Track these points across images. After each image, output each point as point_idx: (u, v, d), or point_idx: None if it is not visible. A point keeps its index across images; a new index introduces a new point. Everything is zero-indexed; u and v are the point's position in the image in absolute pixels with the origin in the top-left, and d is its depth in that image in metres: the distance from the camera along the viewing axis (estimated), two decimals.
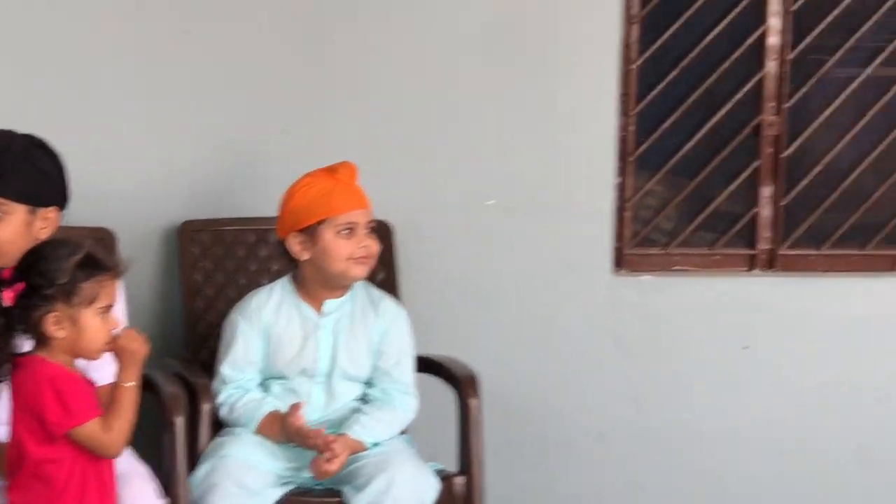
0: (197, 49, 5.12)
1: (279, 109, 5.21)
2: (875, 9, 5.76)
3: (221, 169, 5.17)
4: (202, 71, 5.13)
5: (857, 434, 5.77)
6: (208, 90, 5.14)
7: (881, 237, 5.88)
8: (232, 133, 5.17)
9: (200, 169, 5.12)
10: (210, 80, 5.15)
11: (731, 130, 5.69)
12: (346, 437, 4.48)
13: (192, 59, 5.12)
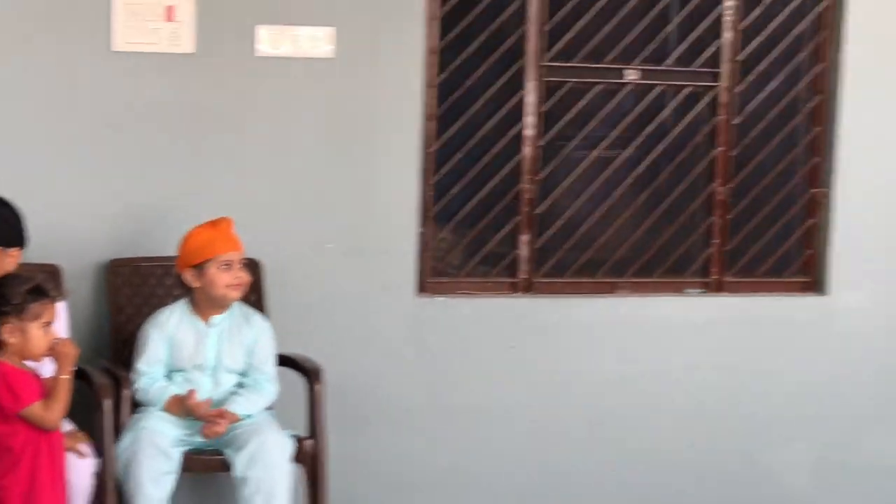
0: (126, 138, 5.30)
1: (180, 178, 5.36)
2: (601, 107, 5.94)
3: (138, 221, 5.31)
4: (128, 152, 5.31)
5: (590, 413, 5.89)
6: (131, 165, 5.31)
7: (605, 269, 6.01)
8: (145, 195, 5.33)
9: (123, 221, 5.28)
10: (131, 156, 5.32)
11: (500, 194, 5.83)
12: (226, 411, 4.86)
13: (122, 146, 5.30)
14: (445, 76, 5.73)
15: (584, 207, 6.00)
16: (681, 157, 6.08)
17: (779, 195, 6.18)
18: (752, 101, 6.09)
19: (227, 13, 5.34)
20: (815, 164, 6.17)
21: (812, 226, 6.21)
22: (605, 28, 5.90)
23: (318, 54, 5.47)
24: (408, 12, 5.56)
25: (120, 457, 4.69)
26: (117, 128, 5.28)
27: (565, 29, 5.84)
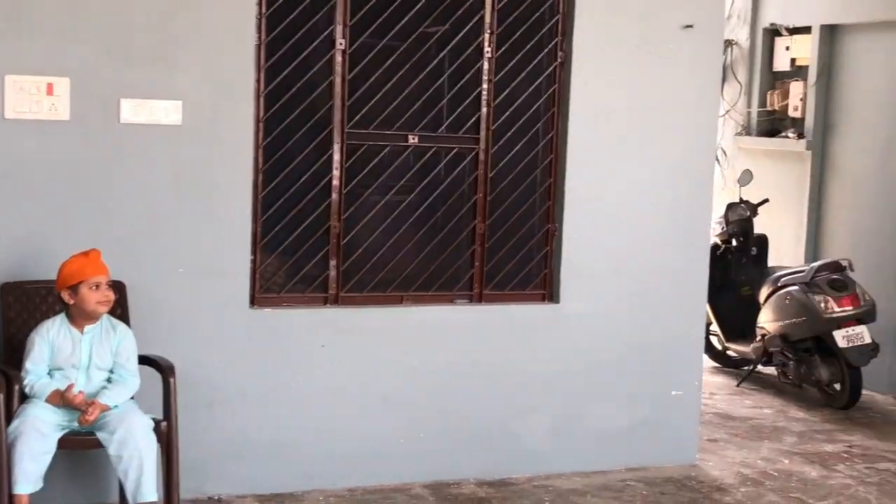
0: (15, 185, 5.23)
1: (59, 218, 5.30)
2: (391, 163, 5.97)
3: (25, 252, 5.26)
4: (17, 197, 5.24)
5: (383, 393, 5.92)
6: (20, 207, 5.24)
7: (394, 285, 6.00)
8: (31, 231, 5.27)
9: (12, 252, 5.24)
10: (20, 201, 5.25)
11: (314, 229, 5.82)
12: (98, 402, 4.87)
13: (11, 192, 5.23)
14: (270, 139, 5.73)
15: (378, 239, 6.01)
16: (451, 200, 6.14)
17: (523, 229, 6.25)
18: (503, 159, 6.15)
19: (96, 89, 5.28)
20: (548, 206, 6.26)
21: (547, 252, 6.30)
22: (393, 103, 5.93)
23: (170, 122, 5.42)
24: (241, 89, 5.54)
25: (8, 437, 4.67)
26: (8, 177, 5.22)
27: (363, 104, 5.87)
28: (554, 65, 6.14)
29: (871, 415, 7.95)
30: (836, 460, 6.82)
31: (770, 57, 9.56)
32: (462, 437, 6.08)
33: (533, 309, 6.22)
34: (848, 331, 7.77)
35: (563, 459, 6.25)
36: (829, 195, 9.23)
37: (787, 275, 8.34)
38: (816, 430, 7.47)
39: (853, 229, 8.99)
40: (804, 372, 8.14)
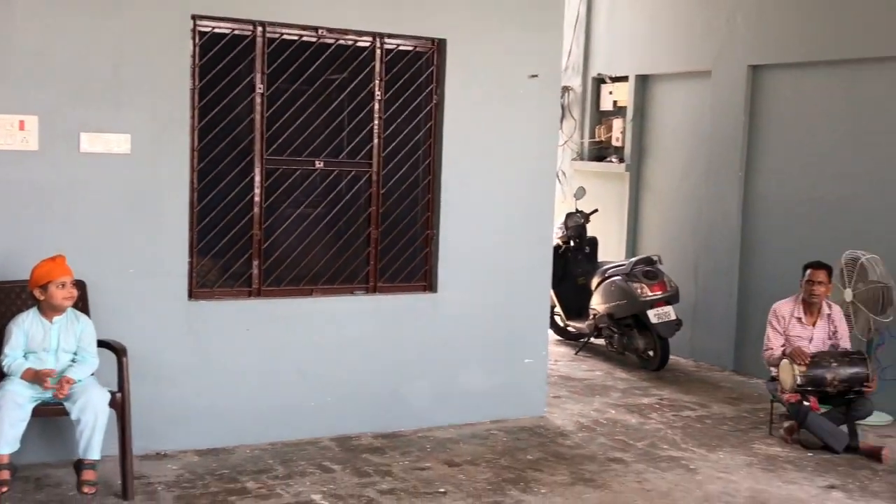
0: None
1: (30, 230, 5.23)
2: (301, 183, 5.87)
3: (2, 259, 5.20)
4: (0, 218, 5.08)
5: (298, 366, 5.80)
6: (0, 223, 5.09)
7: (305, 280, 5.94)
8: (7, 242, 5.22)
9: None
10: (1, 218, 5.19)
11: (240, 237, 5.73)
12: (67, 377, 4.85)
13: None
14: (203, 164, 5.67)
15: (292, 243, 5.94)
16: (350, 212, 6.12)
17: (408, 234, 6.26)
18: (391, 179, 6.18)
19: (60, 124, 5.24)
20: (427, 216, 6.29)
21: (427, 252, 6.32)
22: (303, 135, 5.91)
23: (121, 151, 5.39)
24: (180, 124, 5.50)
25: None
26: None
27: (279, 136, 5.84)
28: (430, 105, 6.20)
29: (676, 374, 8.14)
30: (650, 410, 6.98)
31: (597, 99, 9.66)
32: (361, 400, 6.08)
33: (416, 297, 6.24)
34: (658, 310, 7.90)
35: (441, 415, 6.28)
36: (643, 206, 9.37)
37: (612, 268, 8.44)
38: (635, 387, 7.61)
39: (661, 232, 9.13)
40: (626, 342, 8.26)
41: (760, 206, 8.07)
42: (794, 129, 7.75)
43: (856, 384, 6.08)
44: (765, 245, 8.04)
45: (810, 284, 6.23)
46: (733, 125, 8.14)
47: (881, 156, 7.09)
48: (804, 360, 6.02)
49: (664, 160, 9.06)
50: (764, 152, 8.03)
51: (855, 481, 5.56)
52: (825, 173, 7.49)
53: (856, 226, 7.20)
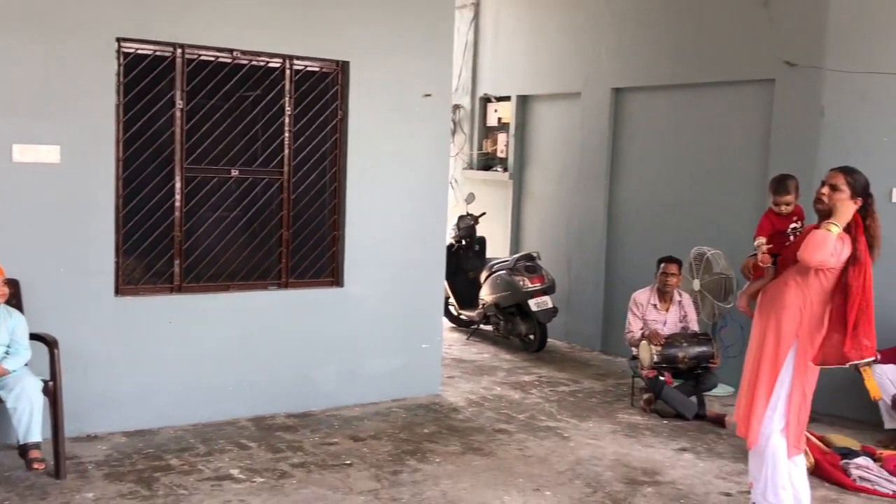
0: None
1: None
2: (218, 189, 5.78)
3: None
4: None
5: (218, 354, 5.74)
6: None
7: (223, 277, 5.79)
8: None
9: None
10: None
11: (162, 238, 5.65)
12: (1, 366, 4.72)
13: None
14: (127, 173, 5.56)
15: (211, 244, 5.85)
16: (263, 215, 6.04)
17: (316, 235, 6.21)
18: (301, 186, 6.11)
19: None
20: (334, 218, 6.24)
21: (334, 251, 6.26)
22: (219, 146, 5.83)
23: (51, 161, 5.27)
24: (106, 136, 5.39)
25: None
26: None
27: (197, 146, 5.75)
28: (335, 120, 6.16)
29: (553, 355, 8.20)
30: (531, 387, 7.03)
31: (484, 116, 9.69)
32: (275, 384, 6.01)
33: (325, 292, 6.18)
34: (538, 300, 7.92)
35: (347, 396, 6.26)
36: (524, 209, 9.40)
37: (498, 263, 8.45)
38: (518, 367, 7.66)
39: (539, 232, 9.17)
40: (510, 328, 8.28)
41: (623, 208, 8.21)
42: (649, 143, 7.92)
43: (703, 361, 6.26)
44: (626, 242, 8.15)
45: (664, 276, 6.38)
46: (599, 139, 8.25)
47: (720, 165, 7.31)
48: (660, 341, 6.17)
49: (542, 169, 9.10)
50: (625, 162, 8.16)
51: (703, 444, 5.73)
52: (675, 180, 7.67)
53: (702, 225, 7.36)
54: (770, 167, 6.58)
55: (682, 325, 6.44)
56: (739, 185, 7.07)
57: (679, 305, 6.44)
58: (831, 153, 6.17)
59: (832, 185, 3.93)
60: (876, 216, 4.00)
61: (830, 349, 3.87)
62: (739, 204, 6.95)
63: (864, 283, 3.82)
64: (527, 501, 4.57)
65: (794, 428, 4.08)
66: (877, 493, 4.88)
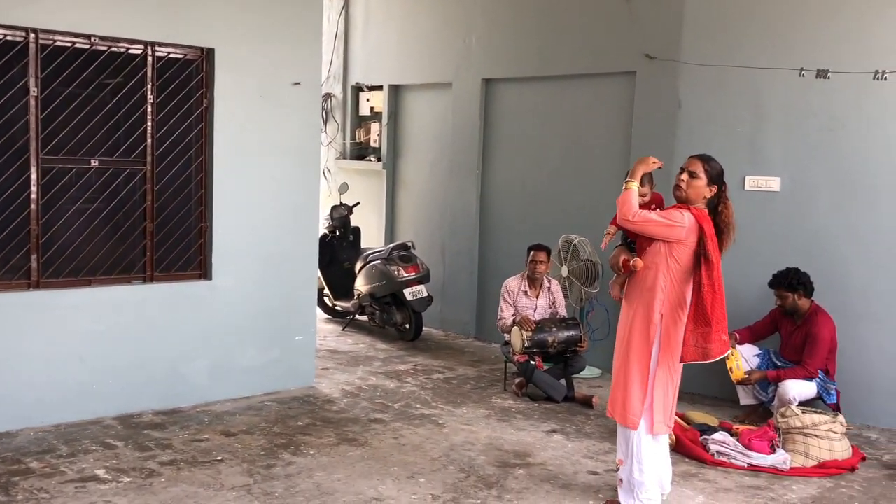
0: None
1: None
2: (80, 179, 5.61)
3: None
4: None
5: (83, 348, 5.60)
6: None
7: (84, 271, 5.68)
8: None
9: None
10: None
11: (18, 232, 5.44)
12: None
13: None
14: None
15: (71, 237, 5.71)
16: (126, 207, 5.91)
17: (183, 227, 6.11)
18: (166, 176, 5.99)
19: None
20: (201, 210, 6.14)
21: (202, 243, 6.17)
22: (78, 136, 5.66)
23: None
24: None
25: None
26: None
27: (55, 135, 5.58)
28: (201, 108, 6.05)
29: (429, 343, 8.24)
30: (406, 375, 7.04)
31: (357, 105, 9.59)
32: (142, 380, 5.91)
33: (193, 285, 6.09)
34: (413, 289, 7.93)
35: (218, 391, 6.18)
36: (399, 199, 9.36)
37: (373, 253, 8.41)
38: (394, 356, 7.64)
39: (414, 221, 9.16)
40: (386, 318, 8.25)
41: (494, 197, 8.29)
42: (519, 133, 8.01)
43: (572, 344, 6.40)
44: (498, 230, 8.23)
45: (533, 263, 6.52)
46: (471, 130, 8.32)
47: (586, 155, 7.47)
48: (530, 326, 6.27)
49: (415, 159, 9.08)
50: (497, 152, 8.25)
51: (572, 425, 5.87)
52: (544, 169, 7.79)
53: (570, 213, 7.52)
54: (632, 156, 6.75)
55: (552, 310, 6.59)
56: (604, 174, 7.23)
57: (548, 291, 6.59)
58: (688, 143, 6.39)
59: (690, 172, 4.07)
60: (729, 203, 4.15)
61: (688, 347, 4.04)
62: (604, 192, 7.04)
63: (714, 282, 3.98)
64: (401, 489, 4.60)
65: (663, 407, 4.20)
66: (733, 466, 5.11)
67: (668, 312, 4.08)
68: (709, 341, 3.97)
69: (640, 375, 4.16)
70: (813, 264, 6.06)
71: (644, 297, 4.12)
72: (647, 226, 4.00)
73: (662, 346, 4.11)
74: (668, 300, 4.07)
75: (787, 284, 5.84)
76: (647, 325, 4.12)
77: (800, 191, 6.27)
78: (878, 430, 6.06)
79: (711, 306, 3.96)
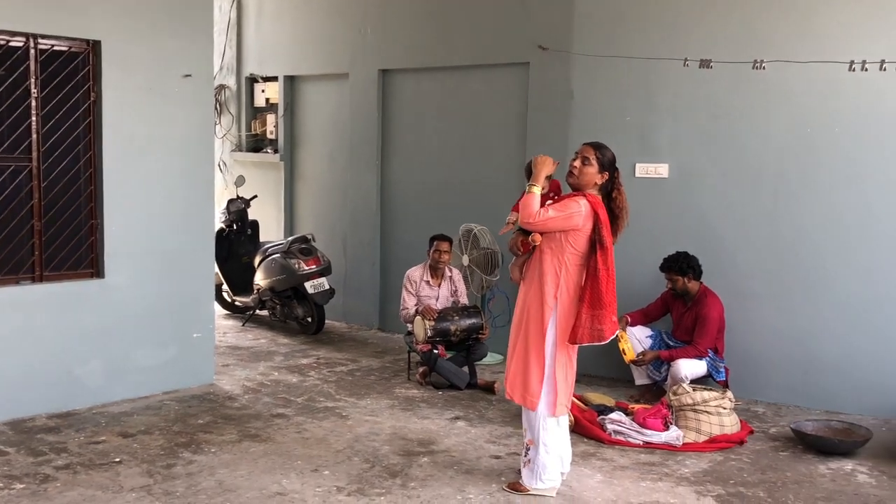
0: None
1: None
2: None
3: None
4: None
5: None
6: None
7: None
8: None
9: None
10: None
11: None
12: None
13: None
14: None
15: None
16: (11, 205, 5.72)
17: (72, 224, 5.99)
18: (53, 172, 5.85)
19: None
20: (91, 206, 6.03)
21: (93, 241, 6.07)
22: None
23: None
24: None
25: None
26: None
27: None
28: (88, 102, 5.91)
29: (332, 336, 8.13)
30: (309, 369, 6.94)
31: (252, 96, 9.44)
32: (34, 383, 5.77)
33: (84, 284, 5.97)
34: (314, 282, 7.81)
35: (115, 391, 6.08)
36: (297, 191, 9.19)
37: (272, 247, 8.26)
38: (296, 350, 7.52)
39: (313, 213, 9.03)
40: (287, 312, 8.14)
41: (395, 188, 8.26)
42: (418, 124, 7.98)
43: (473, 332, 6.43)
44: (400, 221, 8.21)
45: (436, 253, 6.52)
46: (369, 120, 8.24)
47: (484, 145, 7.49)
48: (432, 315, 6.29)
49: (314, 150, 8.95)
50: (396, 143, 8.20)
51: (475, 412, 5.92)
52: (444, 160, 7.80)
53: (469, 202, 7.55)
54: (528, 146, 6.92)
55: (454, 299, 6.63)
56: (502, 163, 7.29)
57: (450, 281, 6.63)
58: (581, 132, 6.47)
59: (584, 158, 4.17)
60: (622, 189, 4.27)
61: (583, 330, 4.10)
62: (502, 181, 7.15)
63: (609, 266, 4.09)
64: (305, 483, 4.59)
65: (563, 389, 4.26)
66: (629, 445, 5.23)
67: (564, 296, 4.15)
68: (602, 323, 4.05)
69: (536, 357, 4.21)
70: (700, 247, 6.20)
71: (541, 280, 4.19)
72: (548, 223, 4.09)
73: (560, 329, 4.17)
74: (564, 284, 4.15)
75: (677, 268, 5.96)
76: (542, 307, 4.18)
77: (687, 177, 6.41)
78: (764, 404, 6.23)
79: (606, 289, 4.04)
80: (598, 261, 4.07)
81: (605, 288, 4.05)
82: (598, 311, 4.07)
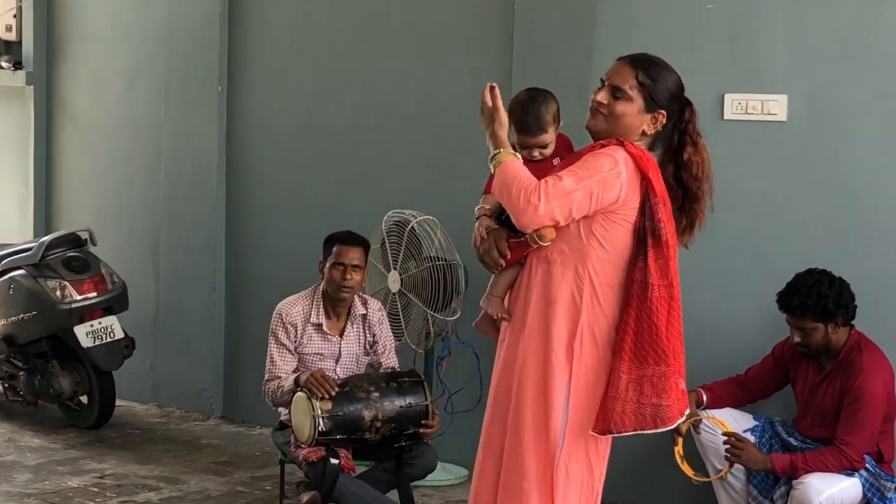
0: None
1: None
2: None
3: None
4: None
5: None
6: None
7: None
8: None
9: None
10: None
11: None
12: None
13: None
14: None
15: None
16: None
17: None
18: None
19: None
20: None
21: None
22: None
23: None
24: None
25: None
26: None
27: None
28: None
29: (128, 432, 6.64)
30: (83, 497, 5.63)
31: None
32: None
33: None
34: (93, 324, 6.40)
35: None
36: (61, 144, 7.45)
37: (9, 255, 6.75)
38: (58, 459, 6.18)
39: (92, 188, 7.35)
40: (39, 384, 6.59)
41: (255, 142, 6.90)
42: (301, 24, 6.74)
43: (409, 423, 5.38)
44: (264, 205, 6.83)
45: (336, 270, 5.36)
46: (205, 13, 6.85)
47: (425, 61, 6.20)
48: (329, 390, 5.23)
49: (92, 68, 7.25)
50: (256, 57, 6.91)
51: None
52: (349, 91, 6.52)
53: (398, 168, 6.28)
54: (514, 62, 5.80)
55: (370, 358, 5.52)
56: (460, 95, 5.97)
57: (363, 323, 5.52)
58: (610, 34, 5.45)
59: (613, 89, 3.35)
60: (700, 142, 3.36)
61: (633, 408, 3.24)
62: (458, 128, 5.87)
63: (672, 283, 3.18)
64: None
65: None
66: None
67: (588, 343, 3.29)
68: (664, 392, 3.18)
69: (537, 469, 3.27)
70: (849, 254, 5.23)
71: (544, 315, 3.32)
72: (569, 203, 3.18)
73: (580, 409, 3.27)
74: (586, 321, 3.27)
75: (816, 308, 4.91)
76: (544, 367, 3.32)
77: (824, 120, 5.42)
78: None
79: (667, 327, 3.18)
80: (650, 272, 3.18)
81: (664, 323, 3.18)
82: (652, 370, 3.21)
